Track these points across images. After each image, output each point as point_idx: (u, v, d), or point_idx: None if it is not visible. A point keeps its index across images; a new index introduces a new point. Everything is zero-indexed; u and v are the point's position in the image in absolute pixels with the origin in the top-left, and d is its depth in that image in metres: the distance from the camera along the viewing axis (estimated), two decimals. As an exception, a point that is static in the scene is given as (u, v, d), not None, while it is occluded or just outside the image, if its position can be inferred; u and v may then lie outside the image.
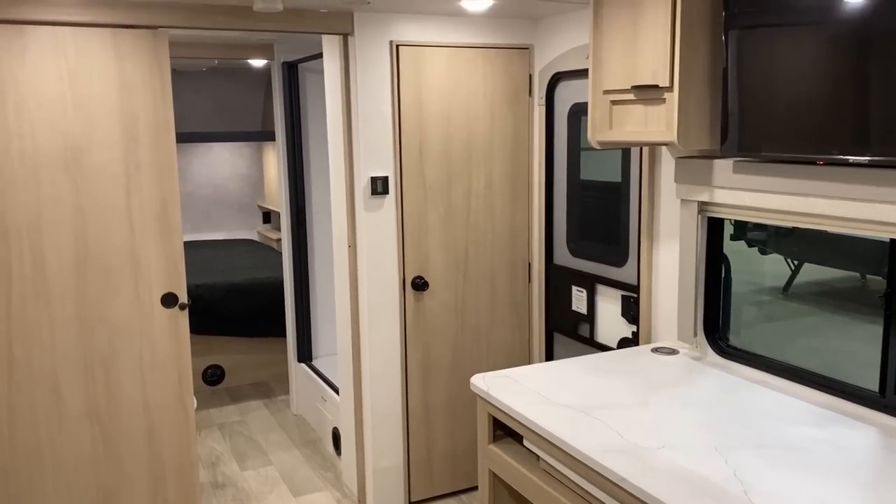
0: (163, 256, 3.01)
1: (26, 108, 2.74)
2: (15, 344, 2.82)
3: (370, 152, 3.27)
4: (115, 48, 2.84)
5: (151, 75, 2.91)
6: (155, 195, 2.97)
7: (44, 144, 2.78)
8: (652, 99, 2.42)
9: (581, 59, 3.17)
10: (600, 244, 3.24)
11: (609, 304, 3.20)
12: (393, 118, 3.27)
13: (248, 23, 3.01)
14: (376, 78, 3.24)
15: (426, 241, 3.41)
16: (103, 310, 2.93)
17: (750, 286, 3.12)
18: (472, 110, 3.41)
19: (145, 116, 2.92)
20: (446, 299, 3.48)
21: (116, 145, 2.88)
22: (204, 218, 7.61)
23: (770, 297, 3.17)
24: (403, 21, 3.24)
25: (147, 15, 2.84)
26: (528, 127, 3.54)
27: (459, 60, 3.36)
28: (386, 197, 3.32)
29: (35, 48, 2.73)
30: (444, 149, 3.38)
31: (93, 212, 2.87)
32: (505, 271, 3.60)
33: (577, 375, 2.52)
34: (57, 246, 2.84)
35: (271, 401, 5.09)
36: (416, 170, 3.34)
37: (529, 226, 3.62)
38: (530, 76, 3.51)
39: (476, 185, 3.48)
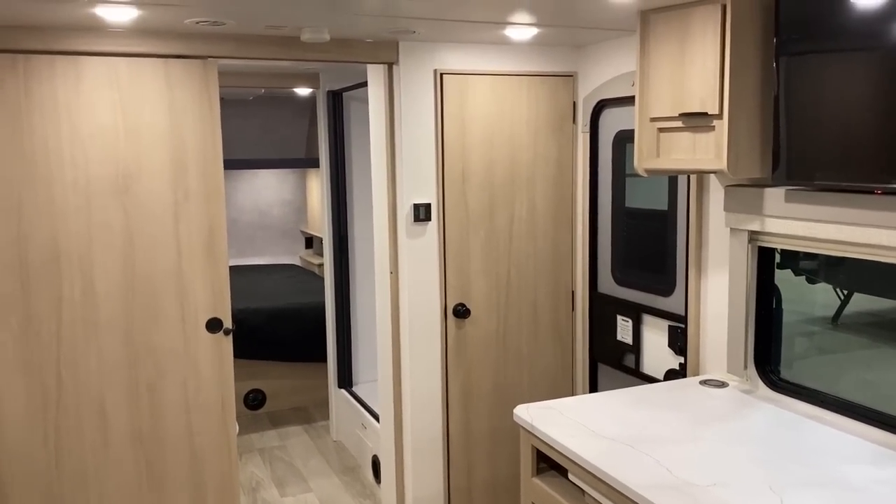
0: (208, 282, 3.04)
1: (79, 137, 2.81)
2: (64, 367, 2.87)
3: (413, 179, 3.28)
4: (165, 78, 2.90)
5: (201, 104, 2.97)
6: (202, 222, 3.01)
7: (96, 172, 2.84)
8: (700, 126, 2.39)
9: (626, 87, 3.15)
10: (646, 273, 3.19)
11: (655, 334, 3.13)
12: (436, 145, 3.28)
13: (295, 53, 3.05)
14: (420, 106, 3.25)
15: (468, 267, 3.39)
16: (149, 335, 2.97)
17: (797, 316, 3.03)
18: (515, 137, 3.40)
19: (194, 144, 2.97)
20: (488, 327, 3.45)
21: (166, 173, 2.94)
22: (248, 243, 7.71)
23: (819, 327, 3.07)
24: (447, 50, 3.26)
25: (197, 45, 2.90)
26: (572, 154, 3.52)
27: (503, 88, 3.36)
28: (428, 224, 3.32)
29: (89, 78, 2.80)
30: (487, 175, 3.37)
31: (141, 238, 2.92)
32: (548, 299, 3.56)
33: (623, 407, 2.46)
34: (106, 271, 2.89)
35: (311, 426, 5.09)
36: (458, 196, 3.33)
37: (573, 253, 3.58)
38: (574, 103, 3.49)
39: (519, 212, 3.46)
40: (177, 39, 2.87)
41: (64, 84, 2.77)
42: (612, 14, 2.66)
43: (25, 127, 2.73)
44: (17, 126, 2.72)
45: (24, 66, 2.71)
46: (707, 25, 2.32)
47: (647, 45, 2.53)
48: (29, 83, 2.72)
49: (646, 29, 2.53)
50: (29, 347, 2.82)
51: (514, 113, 3.39)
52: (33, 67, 2.72)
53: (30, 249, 2.78)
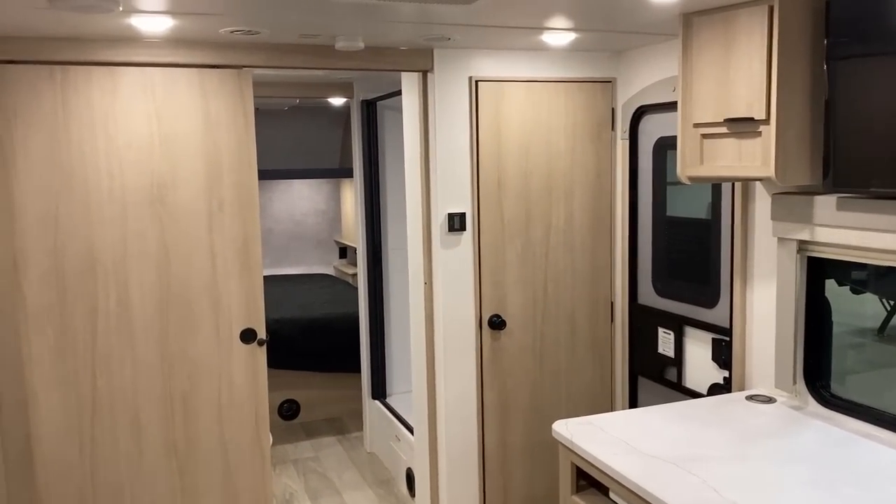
0: (243, 292, 3.02)
1: (115, 147, 2.81)
2: (99, 378, 2.87)
3: (448, 188, 3.23)
4: (200, 87, 2.90)
5: (235, 114, 2.96)
6: (237, 232, 2.99)
7: (131, 182, 2.84)
8: (746, 132, 2.30)
9: (667, 92, 3.07)
10: (689, 284, 3.09)
11: (698, 347, 3.04)
12: (471, 154, 3.23)
13: (329, 61, 3.03)
14: (455, 114, 3.20)
15: (504, 278, 3.33)
16: (183, 345, 2.96)
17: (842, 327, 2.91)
18: (552, 145, 3.34)
19: (229, 154, 2.96)
20: (524, 339, 3.38)
21: (200, 183, 2.93)
22: (283, 253, 7.73)
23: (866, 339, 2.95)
24: (483, 57, 3.21)
25: (232, 55, 2.89)
26: (611, 161, 3.44)
27: (539, 95, 3.30)
28: (463, 234, 3.26)
29: (125, 88, 2.81)
30: (523, 184, 3.31)
31: (176, 248, 2.91)
32: (586, 310, 3.48)
33: (666, 423, 2.37)
34: (141, 281, 2.88)
35: (345, 437, 5.06)
36: (494, 206, 3.27)
37: (612, 263, 3.50)
38: (613, 110, 3.42)
39: (556, 221, 3.39)
40: (211, 49, 2.86)
41: (100, 94, 2.77)
42: (652, 18, 2.59)
43: (62, 137, 2.74)
44: (55, 136, 2.73)
45: (62, 76, 2.72)
46: (753, 28, 2.24)
47: (689, 48, 2.46)
48: (66, 94, 2.73)
49: (688, 32, 2.46)
50: (65, 359, 2.82)
51: (551, 120, 3.33)
52: (70, 78, 2.73)
53: (66, 260, 2.78)
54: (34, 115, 2.70)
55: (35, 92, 2.70)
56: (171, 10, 2.31)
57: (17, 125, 2.69)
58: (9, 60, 2.66)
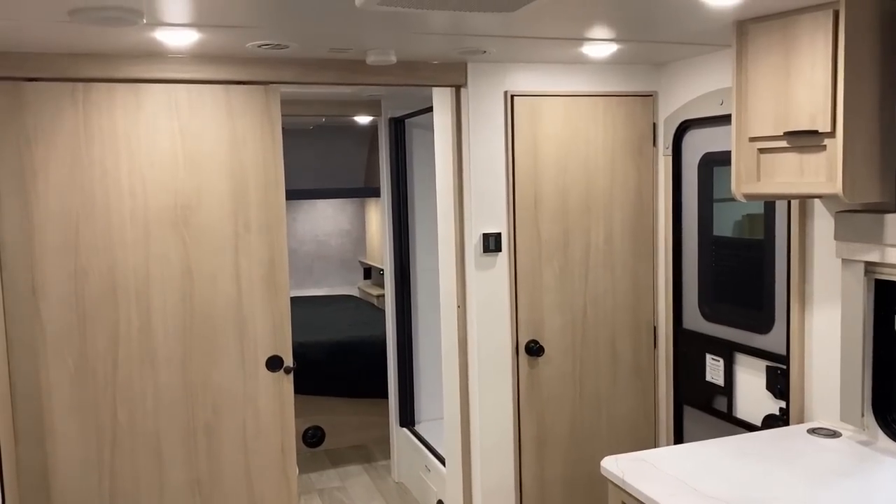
0: (269, 318, 2.89)
1: (139, 166, 2.70)
2: (119, 408, 2.74)
3: (482, 207, 3.08)
4: (227, 104, 2.79)
5: (262, 131, 2.84)
6: (263, 254, 2.86)
7: (154, 202, 2.73)
8: (809, 146, 2.14)
9: (713, 105, 2.91)
10: (740, 308, 2.92)
11: (751, 375, 2.85)
12: (507, 172, 3.09)
13: (360, 77, 2.91)
14: (489, 130, 3.07)
15: (541, 301, 3.17)
16: (207, 373, 2.83)
17: None
18: (590, 161, 3.19)
19: (255, 174, 2.84)
20: (563, 366, 3.21)
21: (226, 203, 2.81)
22: (307, 274, 7.63)
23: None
24: (518, 70, 3.07)
25: (260, 71, 2.78)
26: (653, 178, 3.28)
27: (577, 109, 3.15)
28: (498, 255, 3.11)
29: (149, 106, 2.70)
30: (561, 202, 3.16)
31: (200, 272, 2.79)
32: (627, 335, 3.31)
33: (725, 460, 2.20)
34: (164, 307, 2.76)
35: (372, 466, 4.89)
36: (530, 225, 3.12)
37: (654, 286, 3.33)
38: (654, 125, 3.26)
39: (595, 241, 3.23)
40: (238, 65, 2.75)
41: (123, 112, 2.67)
42: (701, 27, 2.44)
43: (84, 157, 2.64)
44: (76, 156, 2.63)
45: (84, 94, 2.62)
46: (816, 34, 2.08)
47: (744, 58, 2.31)
48: (88, 112, 2.63)
49: (743, 40, 2.31)
50: (85, 387, 2.69)
51: (590, 135, 3.18)
52: (92, 96, 2.63)
53: (87, 284, 2.67)
54: (55, 135, 2.60)
55: (56, 110, 2.60)
56: (197, 22, 2.20)
57: (37, 145, 2.59)
58: (29, 78, 2.56)
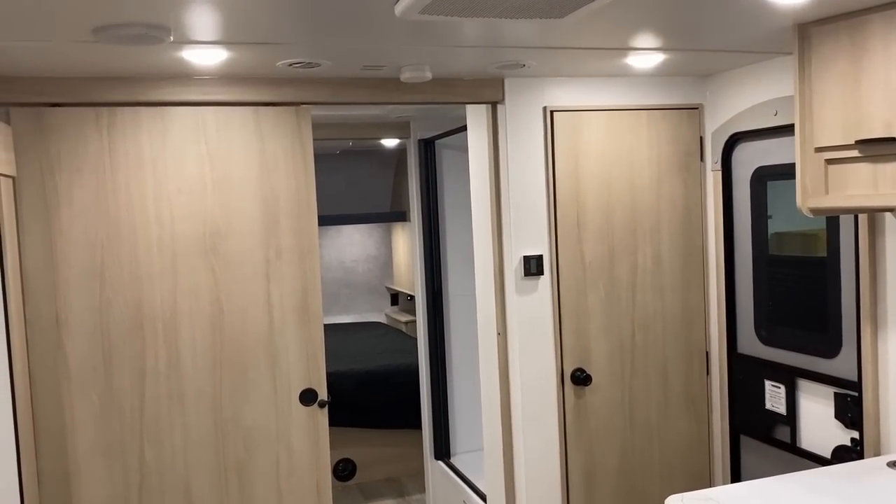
0: (303, 349, 2.75)
1: (165, 193, 2.59)
2: (147, 447, 2.60)
3: (522, 229, 2.94)
4: (256, 127, 2.68)
5: (294, 154, 2.72)
6: (296, 283, 2.73)
7: (182, 230, 2.61)
8: (885, 155, 1.98)
9: (766, 116, 2.75)
10: (801, 331, 2.73)
11: (816, 402, 2.66)
12: (547, 191, 2.94)
13: (393, 96, 2.79)
14: (528, 147, 2.93)
15: (586, 327, 3.00)
16: (239, 409, 2.69)
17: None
18: (635, 178, 3.03)
19: (286, 198, 2.72)
20: (611, 395, 3.04)
21: (256, 230, 2.69)
22: (334, 301, 7.50)
23: None
24: (558, 85, 2.94)
25: (290, 91, 2.67)
26: (701, 195, 3.12)
27: (620, 124, 3.01)
28: (540, 278, 2.96)
29: (176, 129, 2.60)
30: (605, 222, 3.00)
31: (230, 302, 2.66)
32: (678, 361, 3.13)
33: (799, 497, 2.01)
34: (192, 340, 2.63)
35: (405, 500, 4.71)
36: (573, 246, 2.97)
37: (706, 308, 3.15)
38: (701, 138, 3.11)
39: (643, 263, 3.06)
40: (268, 85, 2.64)
41: (149, 137, 2.57)
42: (757, 32, 2.30)
43: (109, 184, 2.53)
44: (100, 183, 2.53)
45: (108, 119, 2.52)
46: (890, 35, 1.93)
47: (807, 63, 2.15)
48: (113, 137, 2.53)
49: (805, 45, 2.16)
50: (111, 426, 2.56)
51: (634, 151, 3.03)
52: (117, 120, 2.53)
53: (112, 317, 2.55)
54: (79, 161, 2.50)
55: (80, 136, 2.50)
56: (225, 39, 2.09)
57: (61, 172, 2.49)
58: (53, 103, 2.47)
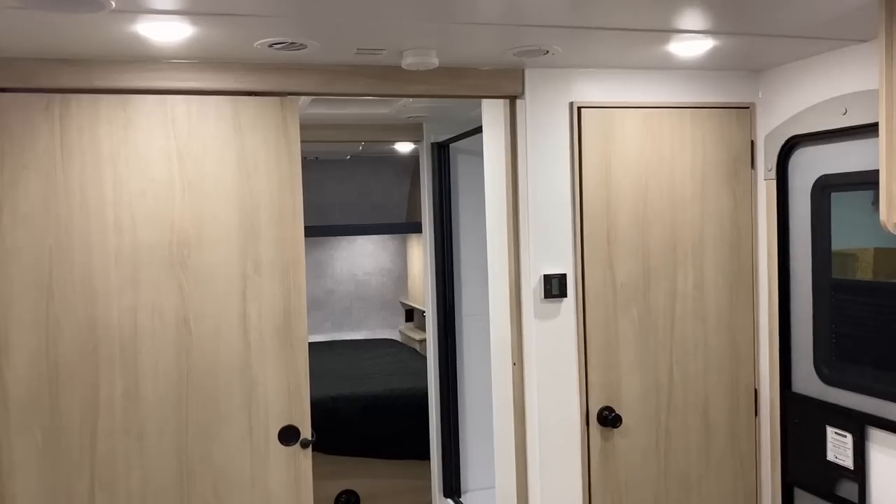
0: (283, 380, 2.37)
1: (127, 195, 2.23)
2: (98, 492, 2.23)
3: (543, 244, 2.54)
4: (234, 120, 2.31)
5: (278, 153, 2.35)
6: (277, 302, 2.35)
7: (145, 239, 2.25)
8: None
9: (833, 116, 2.33)
10: (873, 369, 2.30)
11: (892, 457, 2.22)
12: (573, 200, 2.54)
13: (394, 86, 2.41)
14: (551, 150, 2.54)
15: (616, 359, 2.59)
16: (208, 448, 2.31)
17: None
18: (676, 187, 2.62)
19: (269, 204, 2.35)
20: (644, 439, 2.61)
21: (232, 240, 2.32)
22: (345, 316, 7.13)
23: None
24: (587, 77, 2.54)
25: (274, 78, 2.30)
26: (751, 207, 2.70)
27: (659, 124, 2.60)
28: (563, 301, 2.55)
29: (141, 121, 2.24)
30: (640, 237, 2.60)
31: (200, 323, 2.29)
32: (722, 400, 2.70)
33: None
34: (154, 366, 2.26)
35: (412, 538, 4.30)
36: (602, 265, 2.56)
37: (755, 339, 2.72)
38: (752, 142, 2.69)
39: (683, 285, 2.64)
40: (248, 72, 2.28)
41: (109, 129, 2.21)
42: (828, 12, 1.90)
43: (60, 183, 2.18)
44: (50, 182, 2.17)
45: (61, 108, 2.17)
46: None
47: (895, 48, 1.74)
48: (66, 129, 2.18)
49: (894, 27, 1.74)
50: (56, 467, 2.19)
51: (675, 156, 2.62)
52: (71, 109, 2.18)
53: (61, 338, 2.19)
54: (25, 156, 2.15)
55: (27, 127, 2.15)
56: (186, 9, 1.73)
57: (3, 168, 2.14)
58: (-4, 88, 2.13)
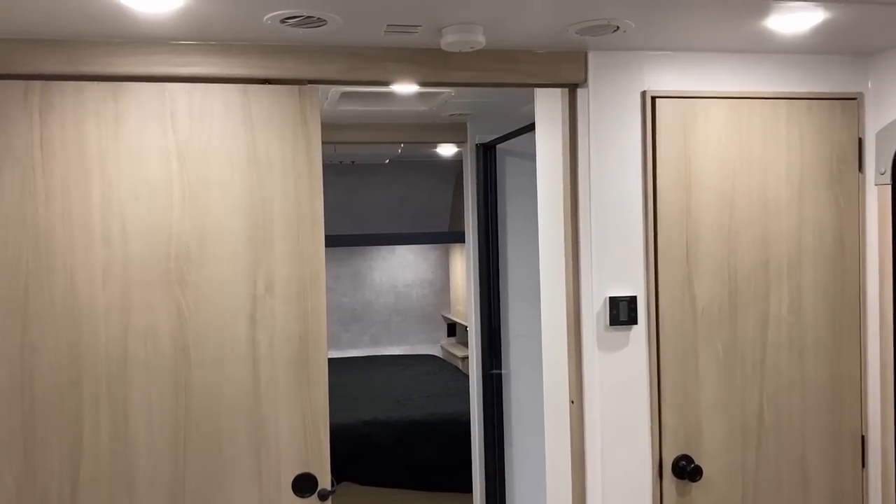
0: (298, 419, 2.01)
1: (117, 200, 1.90)
2: (79, 551, 1.90)
3: (609, 260, 2.14)
4: (244, 112, 1.97)
5: (295, 152, 2.00)
6: (292, 327, 2.00)
7: (139, 252, 1.91)
8: None
9: (974, 105, 1.89)
10: None
11: None
12: (645, 208, 2.14)
13: (432, 73, 2.05)
14: (619, 148, 2.14)
15: (696, 398, 2.17)
16: (209, 499, 1.96)
17: None
18: (769, 193, 2.20)
19: (283, 210, 1.99)
20: (729, 494, 2.18)
21: (240, 254, 1.97)
22: (384, 329, 6.80)
23: None
24: (663, 61, 2.14)
25: (291, 64, 1.96)
26: (859, 217, 2.25)
27: (749, 118, 2.18)
28: (632, 329, 2.15)
29: (134, 114, 1.91)
30: (726, 253, 2.18)
31: (201, 352, 1.95)
32: (822, 448, 2.25)
33: None
34: (148, 402, 1.92)
35: (451, 580, 3.93)
36: (680, 286, 2.15)
37: (862, 375, 2.27)
38: (860, 140, 2.25)
39: (776, 311, 2.21)
40: (260, 55, 1.94)
41: (97, 122, 1.89)
42: None
43: (40, 185, 1.86)
44: (28, 184, 1.86)
45: (42, 97, 1.86)
46: None
47: None
48: (47, 121, 1.86)
49: None
50: (29, 519, 1.87)
51: (767, 155, 2.20)
52: (54, 98, 1.86)
53: (38, 367, 1.87)
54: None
55: (1, 119, 1.84)
56: (167, -34, 1.39)
57: (-28, 168, 1.83)
58: (-36, 75, 1.82)
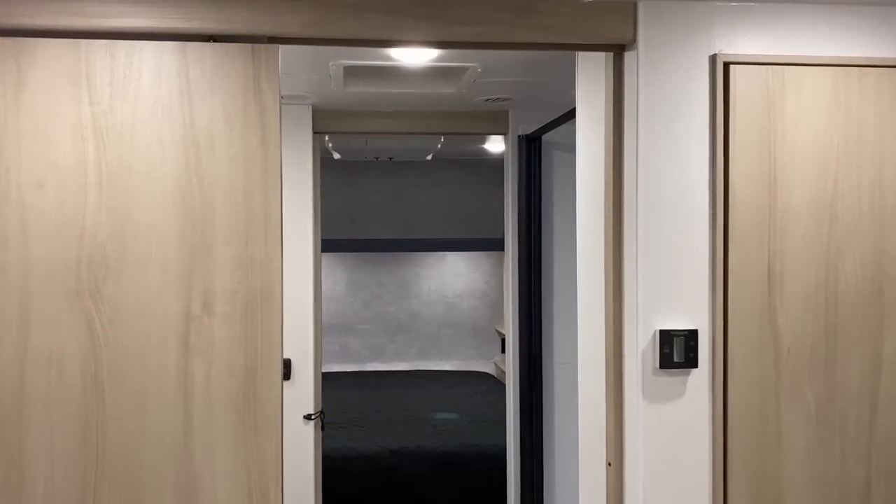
0: (242, 476, 1.56)
1: (16, 186, 1.51)
2: None
3: (660, 281, 1.63)
4: (180, 77, 1.54)
5: (245, 129, 1.56)
6: (236, 355, 1.55)
7: (41, 255, 1.51)
8: None
9: None
10: None
11: None
12: (712, 212, 1.63)
13: (429, 29, 1.58)
14: (679, 130, 1.63)
15: (776, 470, 1.64)
16: (122, 576, 1.53)
17: None
18: (885, 193, 1.65)
19: (228, 205, 1.56)
20: None
21: (170, 259, 1.54)
22: (432, 343, 6.35)
23: None
24: (739, 15, 1.62)
25: (243, 15, 1.53)
26: None
27: (858, 92, 1.64)
28: (691, 373, 1.63)
29: (41, 77, 1.52)
30: (823, 273, 1.64)
31: (118, 384, 1.53)
32: (954, 542, 1.67)
33: None
34: (49, 447, 1.52)
35: None
36: (758, 317, 1.63)
37: None
38: None
39: (891, 353, 1.65)
40: (203, 4, 1.50)
41: (-7, 88, 1.50)
42: None
43: (-81, 168, 1.48)
44: None
45: (-78, 55, 1.48)
46: None
47: None
48: (-72, 87, 1.48)
49: None
50: None
51: (885, 142, 1.65)
52: (-64, 58, 1.48)
53: (-89, 400, 1.49)
54: None
55: None
56: None
57: None
58: None
